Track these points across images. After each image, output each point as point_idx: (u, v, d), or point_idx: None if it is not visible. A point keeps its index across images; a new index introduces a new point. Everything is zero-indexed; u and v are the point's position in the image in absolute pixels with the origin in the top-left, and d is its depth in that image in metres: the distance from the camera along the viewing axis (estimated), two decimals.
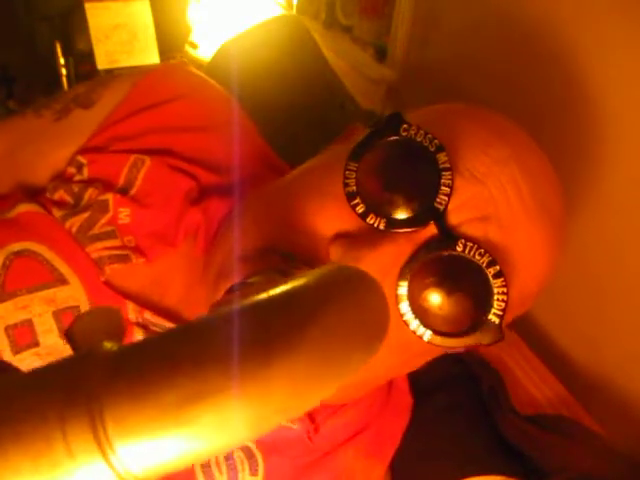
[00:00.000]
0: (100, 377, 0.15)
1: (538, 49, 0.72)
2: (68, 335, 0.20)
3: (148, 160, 0.45)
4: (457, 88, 0.91)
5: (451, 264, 0.33)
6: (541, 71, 0.73)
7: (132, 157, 0.45)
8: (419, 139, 0.33)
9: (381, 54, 1.08)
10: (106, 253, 0.41)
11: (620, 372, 0.65)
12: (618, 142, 0.63)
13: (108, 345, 0.17)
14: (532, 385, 0.65)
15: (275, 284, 0.19)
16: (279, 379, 0.17)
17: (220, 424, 0.16)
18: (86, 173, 0.44)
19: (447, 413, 0.58)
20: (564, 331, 0.73)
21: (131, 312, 0.41)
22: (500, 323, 0.32)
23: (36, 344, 0.39)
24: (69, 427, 0.14)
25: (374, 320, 0.20)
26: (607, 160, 0.64)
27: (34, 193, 0.45)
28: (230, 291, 0.28)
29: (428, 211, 0.32)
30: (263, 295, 0.18)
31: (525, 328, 0.68)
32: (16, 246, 0.40)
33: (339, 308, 0.19)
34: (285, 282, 0.19)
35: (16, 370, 0.17)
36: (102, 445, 0.14)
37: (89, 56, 1.29)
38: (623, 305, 0.65)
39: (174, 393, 0.15)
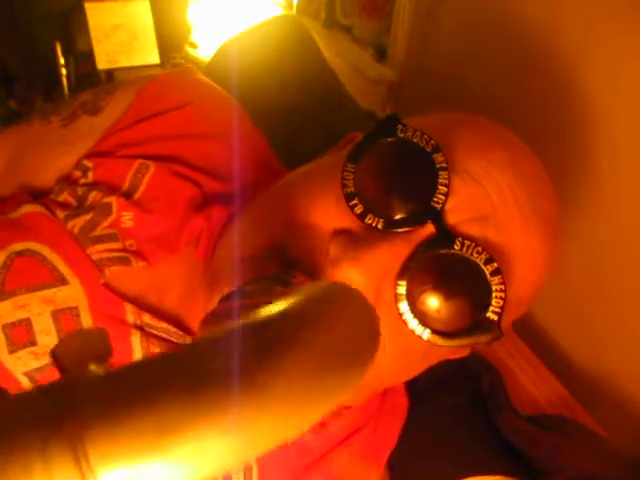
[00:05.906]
0: (85, 405, 0.15)
1: (538, 49, 0.72)
2: (54, 354, 0.20)
3: (152, 166, 0.45)
4: (457, 88, 0.91)
5: (449, 262, 0.33)
6: (541, 71, 0.73)
7: (137, 162, 0.45)
8: (415, 140, 0.34)
9: (381, 54, 1.08)
10: (106, 255, 0.42)
11: (620, 372, 0.65)
12: (620, 140, 0.63)
13: (94, 369, 0.17)
14: (532, 385, 0.65)
15: (269, 296, 0.19)
16: (265, 407, 0.16)
17: (202, 453, 0.16)
18: (91, 176, 0.45)
19: (447, 413, 0.58)
20: (564, 331, 0.73)
21: (129, 314, 0.41)
22: (499, 321, 0.33)
23: (33, 343, 0.39)
24: (51, 454, 0.14)
25: (365, 337, 0.20)
26: (609, 159, 0.64)
27: (39, 196, 0.45)
28: (224, 299, 0.28)
29: (426, 210, 0.33)
30: (249, 318, 0.18)
31: (525, 328, 0.68)
32: (18, 246, 0.40)
33: (329, 327, 0.19)
34: (277, 299, 0.19)
35: (3, 393, 0.17)
36: (84, 472, 0.14)
37: (89, 56, 1.29)
38: (624, 305, 0.65)
39: (155, 421, 0.15)
